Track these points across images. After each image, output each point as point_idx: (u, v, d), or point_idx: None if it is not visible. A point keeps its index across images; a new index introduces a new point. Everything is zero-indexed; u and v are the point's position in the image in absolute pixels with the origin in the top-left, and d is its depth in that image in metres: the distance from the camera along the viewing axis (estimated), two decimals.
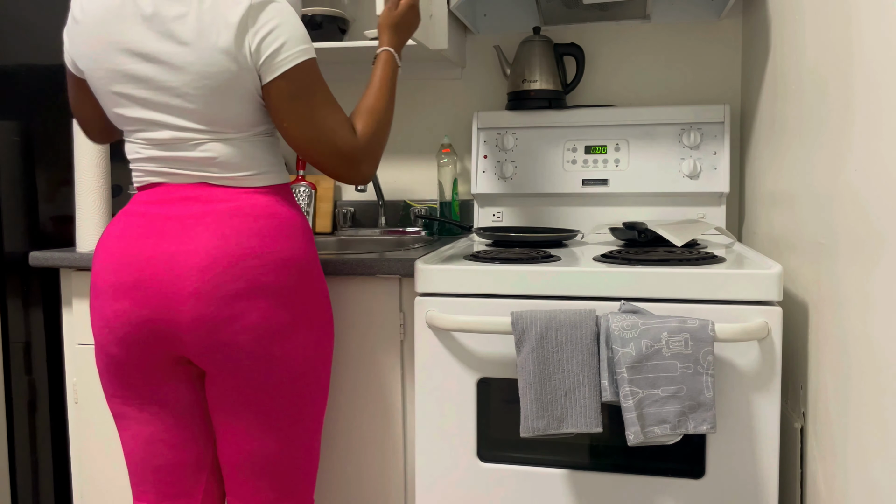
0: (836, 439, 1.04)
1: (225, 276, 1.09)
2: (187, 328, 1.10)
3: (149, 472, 1.21)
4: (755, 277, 1.17)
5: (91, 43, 1.13)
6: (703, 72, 1.89)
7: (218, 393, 1.17)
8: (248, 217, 1.13)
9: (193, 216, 1.12)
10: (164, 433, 1.19)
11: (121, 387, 1.18)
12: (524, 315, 1.18)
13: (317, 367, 1.21)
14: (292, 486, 1.22)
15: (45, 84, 1.73)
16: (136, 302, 1.11)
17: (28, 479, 1.72)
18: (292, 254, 1.16)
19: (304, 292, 1.17)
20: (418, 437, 1.32)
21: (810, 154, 1.17)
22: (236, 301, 1.10)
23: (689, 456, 1.22)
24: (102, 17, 1.12)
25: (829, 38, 1.08)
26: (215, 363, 1.13)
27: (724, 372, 1.19)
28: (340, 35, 1.91)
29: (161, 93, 1.12)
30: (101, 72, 1.14)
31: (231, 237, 1.11)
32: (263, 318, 1.12)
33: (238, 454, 1.19)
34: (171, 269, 1.10)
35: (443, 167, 1.95)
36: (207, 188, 1.15)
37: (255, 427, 1.17)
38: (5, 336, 1.67)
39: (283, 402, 1.17)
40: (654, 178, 1.80)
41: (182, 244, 1.10)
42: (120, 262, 1.12)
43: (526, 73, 1.84)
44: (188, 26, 1.09)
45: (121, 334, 1.13)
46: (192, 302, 1.09)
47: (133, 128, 1.16)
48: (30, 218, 1.70)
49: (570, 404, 1.16)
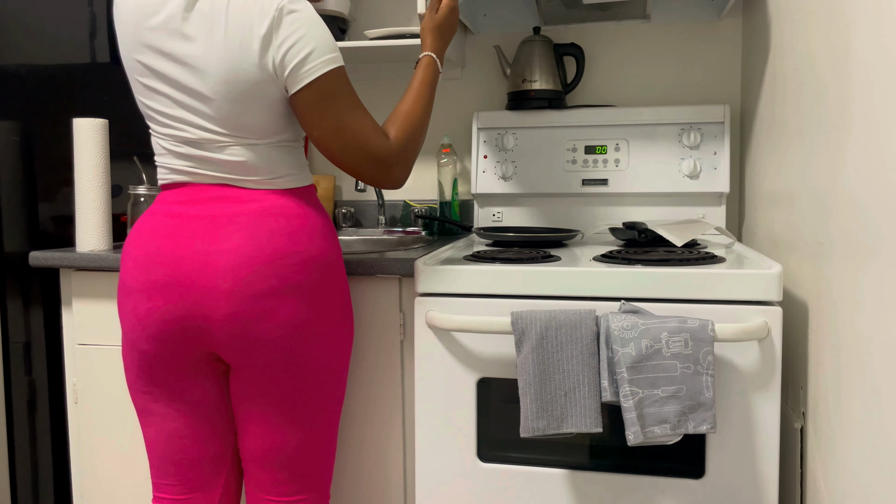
0: (836, 439, 1.04)
1: (259, 274, 1.12)
2: (220, 325, 1.13)
3: (171, 466, 1.24)
4: (755, 277, 1.17)
5: (124, 32, 1.16)
6: (703, 72, 1.89)
7: (244, 387, 1.19)
8: (278, 217, 1.15)
9: (224, 216, 1.15)
10: (188, 428, 1.22)
11: (149, 383, 1.20)
12: (524, 315, 1.18)
13: (339, 363, 1.24)
14: (311, 479, 1.26)
15: (45, 84, 1.73)
16: (170, 300, 1.13)
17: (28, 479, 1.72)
18: (319, 253, 1.18)
19: (330, 290, 1.20)
20: (418, 437, 1.32)
21: (810, 154, 1.17)
22: (269, 299, 1.13)
23: (689, 456, 1.22)
24: (134, 10, 1.14)
25: (829, 38, 1.08)
26: (245, 358, 1.16)
27: (724, 372, 1.19)
28: (341, 35, 1.91)
29: (186, 94, 1.13)
30: (130, 62, 1.17)
31: (263, 237, 1.13)
32: (293, 315, 1.15)
33: (260, 447, 1.22)
34: (205, 268, 1.12)
35: (443, 167, 1.95)
36: (235, 189, 1.17)
37: (278, 420, 1.20)
38: (5, 336, 1.67)
39: (306, 396, 1.20)
40: (654, 178, 1.80)
41: (215, 243, 1.13)
42: (153, 262, 1.14)
43: (526, 73, 1.84)
44: (214, 31, 1.10)
45: (154, 331, 1.15)
46: (226, 299, 1.12)
47: (160, 122, 1.18)
48: (30, 218, 1.70)
49: (570, 404, 1.16)
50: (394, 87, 2.08)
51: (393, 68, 2.06)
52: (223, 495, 1.27)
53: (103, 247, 1.59)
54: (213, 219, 1.15)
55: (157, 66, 1.14)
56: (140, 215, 1.24)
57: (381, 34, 1.79)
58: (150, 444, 1.24)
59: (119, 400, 1.56)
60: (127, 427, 1.57)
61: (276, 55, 1.09)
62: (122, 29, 1.16)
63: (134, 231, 1.19)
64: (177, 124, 1.16)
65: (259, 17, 1.09)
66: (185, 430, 1.22)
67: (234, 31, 1.09)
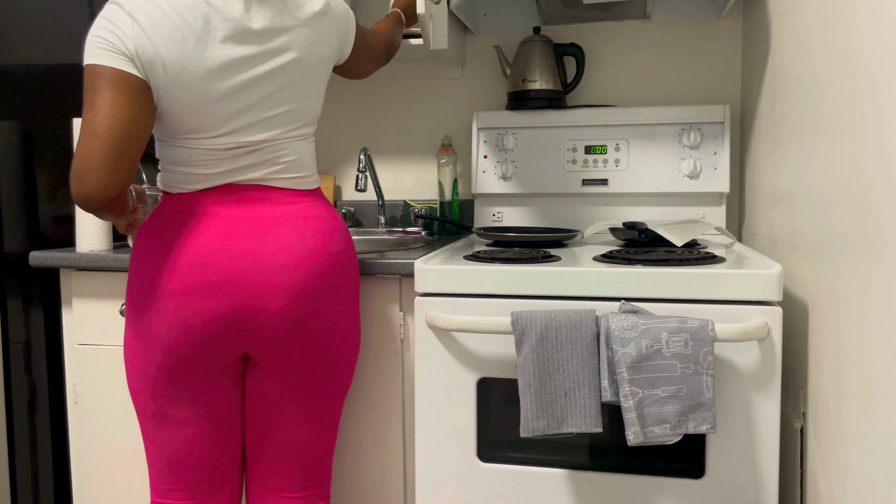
0: (836, 439, 1.04)
1: (311, 273, 1.17)
2: (274, 322, 1.15)
3: (182, 471, 1.22)
4: (755, 277, 1.17)
5: (179, 34, 1.20)
6: (703, 72, 1.89)
7: (279, 384, 1.21)
8: (317, 219, 1.21)
9: (269, 217, 1.17)
10: (204, 432, 1.21)
11: (172, 387, 1.18)
12: (524, 315, 1.18)
13: (355, 360, 1.31)
14: (317, 475, 1.29)
15: (45, 84, 1.73)
16: (222, 300, 1.13)
17: (28, 479, 1.72)
18: (351, 254, 1.26)
19: (355, 290, 1.28)
20: (418, 437, 1.32)
21: (810, 154, 1.17)
22: (318, 297, 1.18)
23: (689, 456, 1.22)
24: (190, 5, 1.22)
25: (829, 38, 1.08)
26: (289, 356, 1.19)
27: (724, 372, 1.19)
28: None
29: (264, 84, 1.19)
30: (192, 64, 1.22)
31: (309, 237, 1.18)
32: (335, 313, 1.21)
33: (275, 443, 1.24)
34: (259, 267, 1.14)
35: (443, 167, 1.95)
36: (270, 191, 1.19)
37: (298, 416, 1.23)
38: (5, 336, 1.67)
39: (329, 392, 1.25)
40: (654, 178, 1.80)
41: (265, 244, 1.15)
42: (201, 262, 1.12)
43: (526, 73, 1.84)
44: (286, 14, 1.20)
45: (198, 333, 1.14)
46: (281, 297, 1.15)
47: (212, 127, 1.16)
48: (30, 218, 1.70)
49: (570, 404, 1.16)
50: (394, 87, 2.08)
51: (393, 68, 2.06)
52: (230, 500, 1.27)
53: (103, 247, 1.59)
54: (259, 220, 1.16)
55: (236, 56, 1.13)
56: (146, 216, 1.23)
57: None
58: (159, 448, 1.21)
59: (119, 400, 1.56)
60: (127, 427, 1.57)
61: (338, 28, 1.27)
62: (175, 32, 1.08)
63: (158, 232, 1.15)
64: (236, 125, 1.15)
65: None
66: (201, 433, 1.21)
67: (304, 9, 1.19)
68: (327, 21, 1.24)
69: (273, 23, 1.15)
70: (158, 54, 1.07)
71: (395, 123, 2.08)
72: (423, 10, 1.61)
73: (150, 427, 1.21)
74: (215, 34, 1.11)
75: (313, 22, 1.20)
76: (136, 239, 1.20)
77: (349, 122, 2.11)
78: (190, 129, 1.14)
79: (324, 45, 1.23)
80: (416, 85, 2.06)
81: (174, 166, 1.18)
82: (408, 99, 2.07)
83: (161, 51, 1.07)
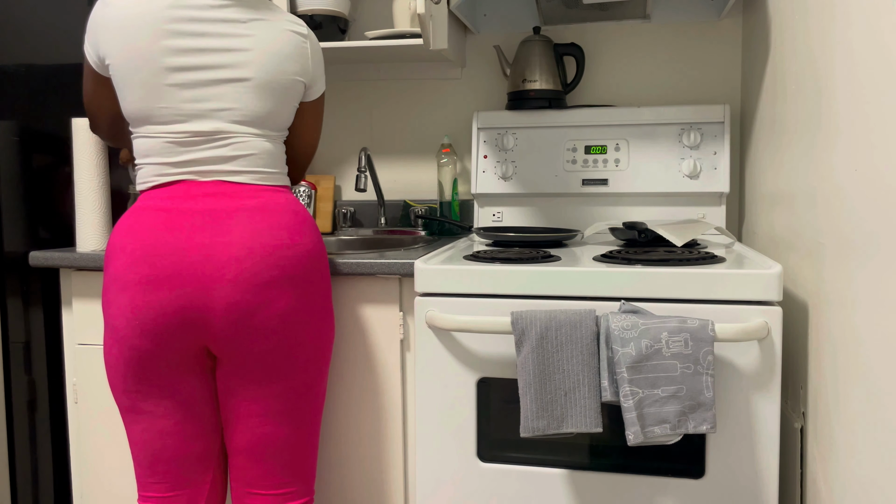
0: (836, 439, 1.04)
1: (262, 264, 1.17)
2: (221, 315, 1.16)
3: (160, 464, 1.24)
4: (755, 277, 1.17)
5: (143, 21, 1.23)
6: (703, 72, 1.89)
7: (236, 379, 1.21)
8: (274, 213, 1.21)
9: (224, 211, 1.18)
10: (177, 426, 1.22)
11: (139, 381, 1.20)
12: (524, 315, 1.18)
13: (325, 354, 1.29)
14: (298, 469, 1.28)
15: (45, 84, 1.72)
16: (172, 292, 1.14)
17: (28, 479, 1.72)
18: (312, 247, 1.24)
19: (319, 283, 1.26)
20: (418, 437, 1.32)
21: (810, 154, 1.17)
22: (269, 289, 1.17)
23: (689, 456, 1.22)
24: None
25: (829, 38, 1.08)
26: (240, 348, 1.18)
27: (724, 372, 1.19)
28: (341, 35, 1.91)
29: (224, 81, 1.22)
30: (151, 52, 1.24)
31: (263, 230, 1.18)
32: (290, 305, 1.20)
33: (250, 439, 1.24)
34: (209, 260, 1.15)
35: (443, 167, 1.95)
36: (230, 185, 1.21)
37: (268, 411, 1.23)
38: (5, 336, 1.67)
39: (297, 386, 1.24)
40: (654, 178, 1.80)
41: (216, 236, 1.16)
42: (153, 255, 1.15)
43: (526, 73, 1.84)
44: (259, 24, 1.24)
45: (151, 325, 1.15)
46: (229, 289, 1.15)
47: (168, 118, 1.20)
48: (30, 218, 1.70)
49: (570, 404, 1.16)
50: (394, 87, 2.08)
51: (393, 68, 2.06)
52: (210, 492, 1.28)
53: (103, 247, 1.59)
54: (212, 213, 1.17)
55: (192, 47, 1.18)
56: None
57: (381, 34, 1.79)
58: (137, 443, 1.24)
59: None
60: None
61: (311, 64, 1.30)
62: (138, 20, 1.18)
63: (123, 227, 1.19)
64: (191, 118, 1.19)
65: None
66: (174, 427, 1.22)
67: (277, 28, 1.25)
68: (301, 42, 1.28)
69: (241, 16, 1.23)
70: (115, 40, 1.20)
71: (395, 123, 2.08)
72: (423, 10, 1.61)
73: (127, 421, 1.24)
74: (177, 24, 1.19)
75: (284, 37, 1.26)
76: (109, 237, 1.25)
77: (349, 122, 2.11)
78: (146, 116, 1.20)
79: (291, 61, 1.26)
80: (416, 85, 2.06)
81: (141, 158, 1.23)
82: (408, 99, 2.07)
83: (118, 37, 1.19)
